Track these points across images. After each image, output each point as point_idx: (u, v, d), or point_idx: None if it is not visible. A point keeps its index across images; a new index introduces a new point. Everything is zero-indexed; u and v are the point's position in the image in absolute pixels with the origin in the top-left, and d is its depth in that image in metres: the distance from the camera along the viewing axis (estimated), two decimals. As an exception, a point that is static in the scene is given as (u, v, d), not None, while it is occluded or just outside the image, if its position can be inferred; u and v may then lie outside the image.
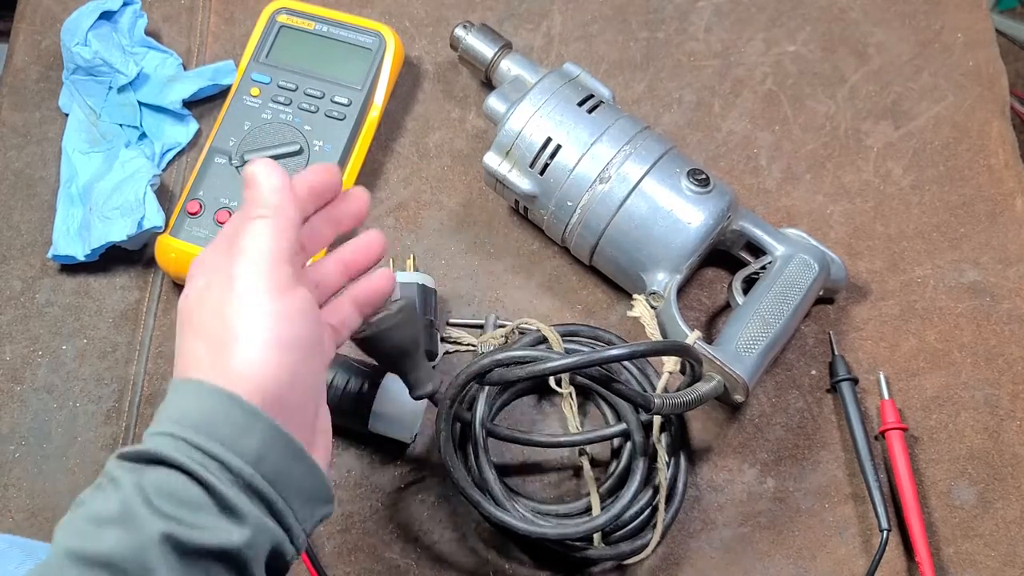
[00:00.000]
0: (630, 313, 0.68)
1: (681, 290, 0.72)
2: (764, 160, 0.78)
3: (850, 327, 0.72)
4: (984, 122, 0.79)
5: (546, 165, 0.69)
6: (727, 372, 0.65)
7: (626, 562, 0.65)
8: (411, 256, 0.73)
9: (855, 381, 0.69)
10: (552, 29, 0.83)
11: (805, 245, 0.70)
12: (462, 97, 0.81)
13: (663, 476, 0.64)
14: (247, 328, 0.41)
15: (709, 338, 0.72)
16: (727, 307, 0.72)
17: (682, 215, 0.68)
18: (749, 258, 0.72)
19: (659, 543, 0.65)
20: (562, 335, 0.69)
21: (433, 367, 0.71)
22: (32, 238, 0.76)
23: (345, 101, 0.75)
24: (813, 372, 0.71)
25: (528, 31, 0.83)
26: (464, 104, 0.80)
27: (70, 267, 0.75)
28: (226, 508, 0.39)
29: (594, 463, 0.68)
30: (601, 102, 0.71)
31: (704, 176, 0.68)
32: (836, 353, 0.70)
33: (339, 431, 0.69)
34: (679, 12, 0.83)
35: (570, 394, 0.67)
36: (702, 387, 0.64)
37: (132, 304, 0.74)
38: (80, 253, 0.73)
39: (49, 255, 0.74)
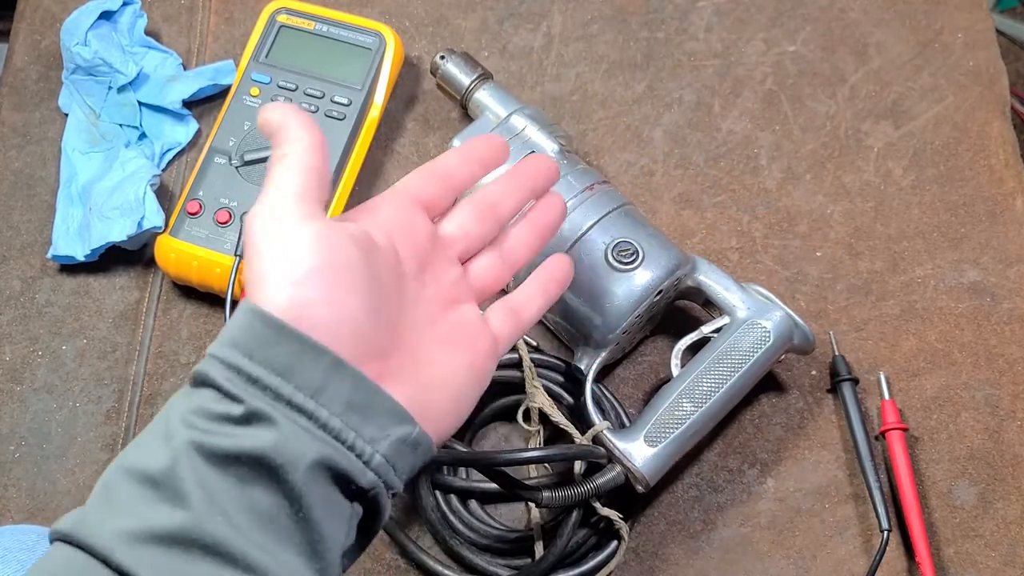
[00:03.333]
0: (531, 404, 0.64)
1: (628, 356, 0.70)
2: (764, 160, 0.78)
3: (850, 327, 0.72)
4: (984, 122, 0.79)
5: None
6: (627, 466, 0.62)
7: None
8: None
9: (855, 381, 0.69)
10: (552, 29, 0.83)
11: (768, 309, 0.65)
12: (462, 97, 0.81)
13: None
14: (267, 256, 0.44)
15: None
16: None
17: (602, 293, 0.63)
18: (710, 315, 0.68)
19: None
20: (538, 365, 0.67)
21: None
22: (32, 238, 0.76)
23: (345, 101, 0.75)
24: (813, 372, 0.71)
25: (528, 31, 0.83)
26: (464, 104, 0.80)
27: (70, 267, 0.75)
28: (253, 416, 0.40)
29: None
30: None
31: (630, 249, 0.64)
32: (836, 353, 0.70)
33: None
34: (679, 12, 0.83)
35: (538, 431, 0.66)
36: (600, 478, 0.62)
37: (132, 304, 0.74)
38: (80, 253, 0.73)
39: (49, 255, 0.74)
